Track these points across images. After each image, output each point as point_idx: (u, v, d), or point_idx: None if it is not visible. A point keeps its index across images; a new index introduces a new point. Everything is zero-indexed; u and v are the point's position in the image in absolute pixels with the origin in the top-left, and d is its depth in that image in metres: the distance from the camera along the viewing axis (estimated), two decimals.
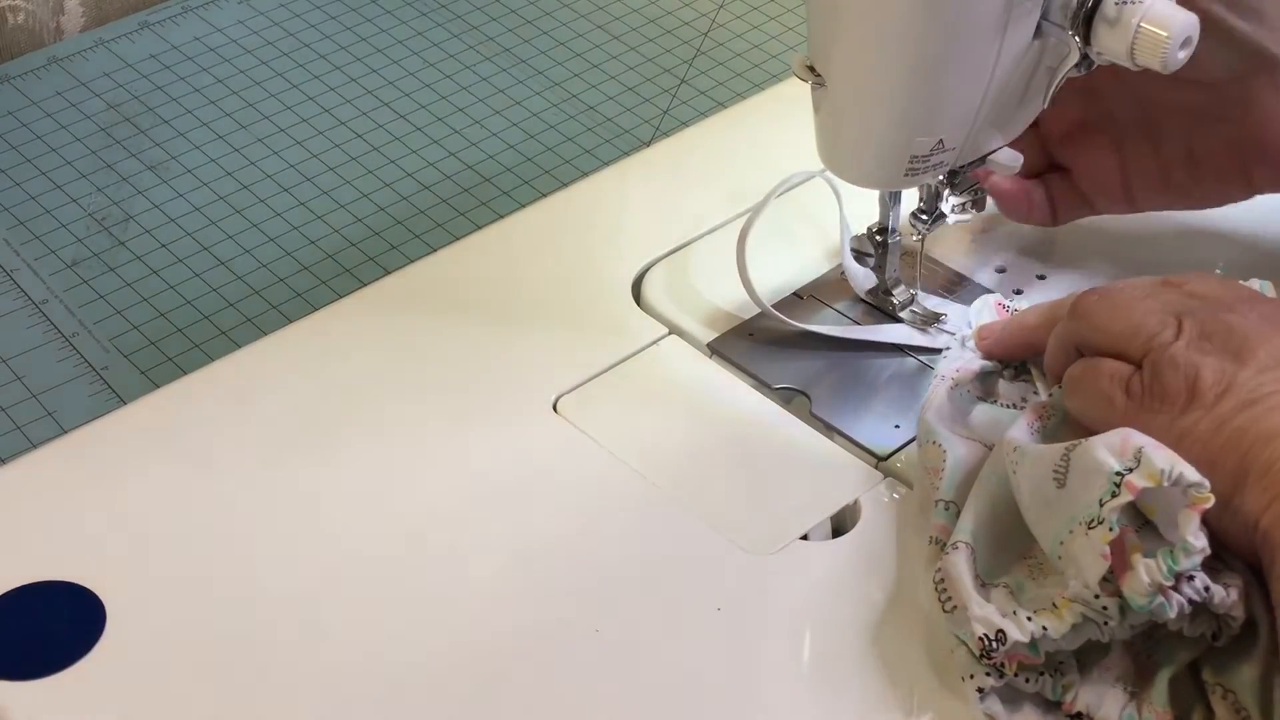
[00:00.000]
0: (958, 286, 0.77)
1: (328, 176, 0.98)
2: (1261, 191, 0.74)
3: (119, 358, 0.86)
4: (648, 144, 0.99)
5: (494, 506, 0.67)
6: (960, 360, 0.70)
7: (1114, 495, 0.56)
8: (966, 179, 0.71)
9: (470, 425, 0.71)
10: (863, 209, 0.74)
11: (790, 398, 0.72)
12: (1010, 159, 0.71)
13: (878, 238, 0.74)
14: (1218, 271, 0.77)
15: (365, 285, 0.80)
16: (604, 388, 0.72)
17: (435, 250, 0.83)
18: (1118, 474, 0.56)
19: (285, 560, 0.65)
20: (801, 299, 0.76)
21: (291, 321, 0.81)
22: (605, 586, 0.64)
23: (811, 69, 0.67)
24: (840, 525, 0.67)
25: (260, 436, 0.70)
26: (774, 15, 1.11)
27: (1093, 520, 0.56)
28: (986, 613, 0.58)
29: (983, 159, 0.70)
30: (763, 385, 0.72)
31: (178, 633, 0.63)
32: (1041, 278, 0.78)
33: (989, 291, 0.76)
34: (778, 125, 0.86)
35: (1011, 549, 0.61)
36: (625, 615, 0.63)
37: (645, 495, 0.68)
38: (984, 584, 0.60)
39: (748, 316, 0.75)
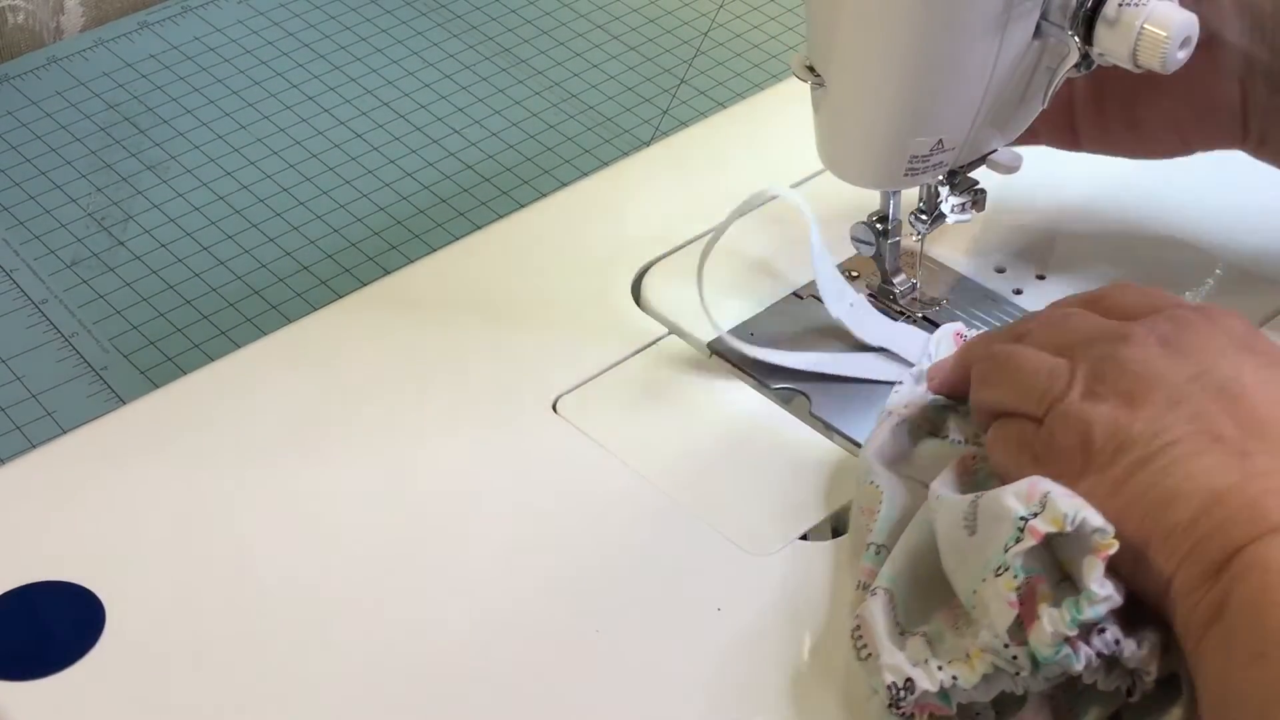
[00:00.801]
0: (958, 287, 0.77)
1: (328, 176, 0.98)
2: (1198, 151, 0.74)
3: (119, 358, 0.86)
4: (648, 144, 0.99)
5: (494, 507, 0.67)
6: (911, 395, 0.68)
7: (1018, 540, 0.54)
8: (966, 179, 0.71)
9: (470, 425, 0.71)
10: (836, 235, 0.74)
11: (790, 398, 0.72)
12: (1010, 159, 0.71)
13: (878, 225, 0.74)
14: (1217, 272, 0.77)
15: (365, 285, 0.80)
16: (604, 388, 0.72)
17: (435, 250, 0.83)
18: (1022, 519, 0.54)
19: (285, 560, 0.65)
20: (801, 299, 0.76)
21: (291, 321, 0.81)
22: (605, 587, 0.64)
23: (811, 69, 0.67)
24: (840, 525, 0.67)
25: (260, 436, 0.70)
26: (774, 15, 1.11)
27: (1000, 567, 0.55)
28: (896, 660, 0.56)
29: (983, 159, 0.70)
30: (763, 385, 0.72)
31: (178, 633, 0.63)
32: (1041, 278, 0.78)
33: (990, 292, 0.76)
34: (778, 125, 0.86)
35: (934, 597, 0.60)
36: (625, 615, 0.63)
37: (645, 495, 0.68)
38: (903, 632, 0.58)
39: (748, 317, 0.75)
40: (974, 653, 0.56)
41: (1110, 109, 0.73)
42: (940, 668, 0.56)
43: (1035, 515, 0.54)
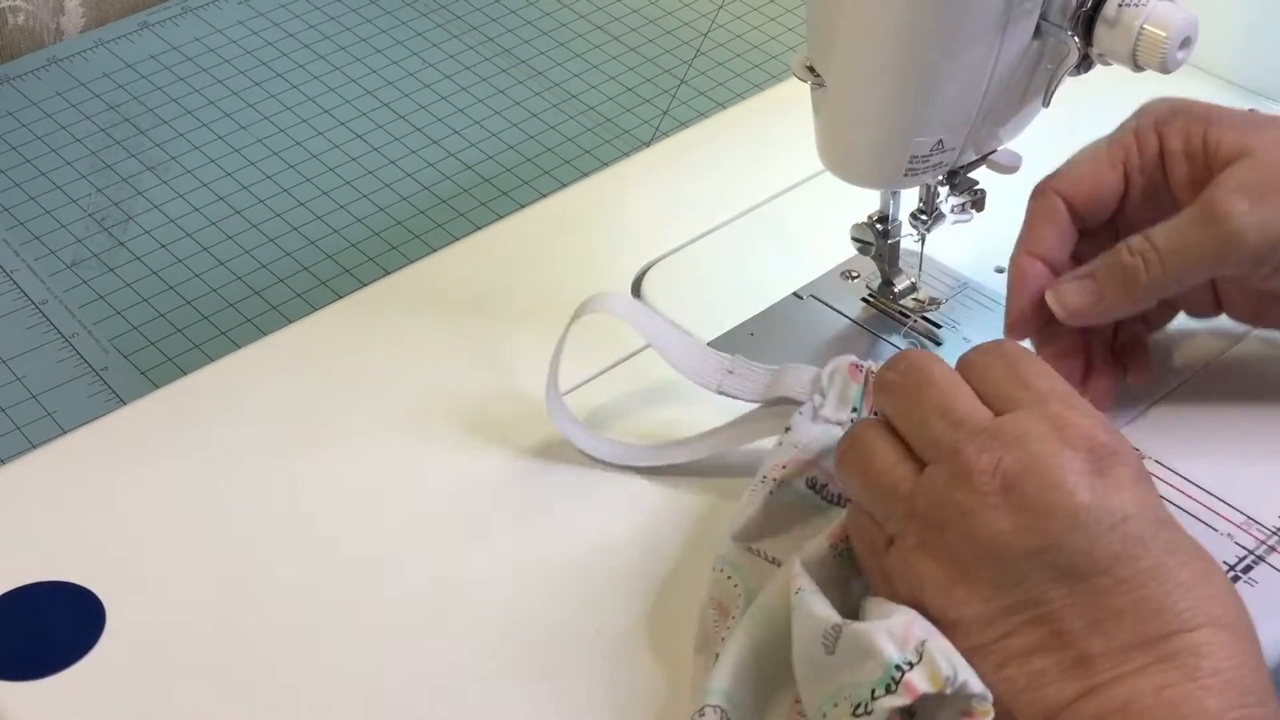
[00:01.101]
0: (958, 287, 0.77)
1: (328, 177, 0.98)
2: None
3: (119, 358, 0.86)
4: (648, 144, 0.99)
5: (494, 506, 0.67)
6: (795, 449, 0.62)
7: (888, 689, 0.50)
8: (966, 179, 0.71)
9: (470, 425, 0.71)
10: (836, 235, 0.74)
11: None
12: (1010, 159, 0.71)
13: (878, 225, 0.74)
14: None
15: (365, 285, 0.80)
16: (604, 388, 0.72)
17: (435, 250, 0.83)
18: (897, 667, 0.50)
19: (285, 560, 0.65)
20: (801, 299, 0.76)
21: (291, 321, 0.81)
22: (605, 587, 0.64)
23: (811, 69, 0.67)
24: None
25: (260, 436, 0.70)
26: (774, 15, 1.11)
27: (859, 706, 0.51)
28: None
29: (983, 159, 0.70)
30: None
31: (178, 633, 0.63)
32: None
33: (990, 292, 0.76)
34: (778, 125, 0.86)
35: (777, 696, 0.56)
36: (626, 615, 0.63)
37: (646, 495, 0.68)
38: None
39: (748, 317, 0.75)
40: None
41: (1266, 304, 0.69)
42: None
43: (911, 665, 0.50)
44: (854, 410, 0.62)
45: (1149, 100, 0.68)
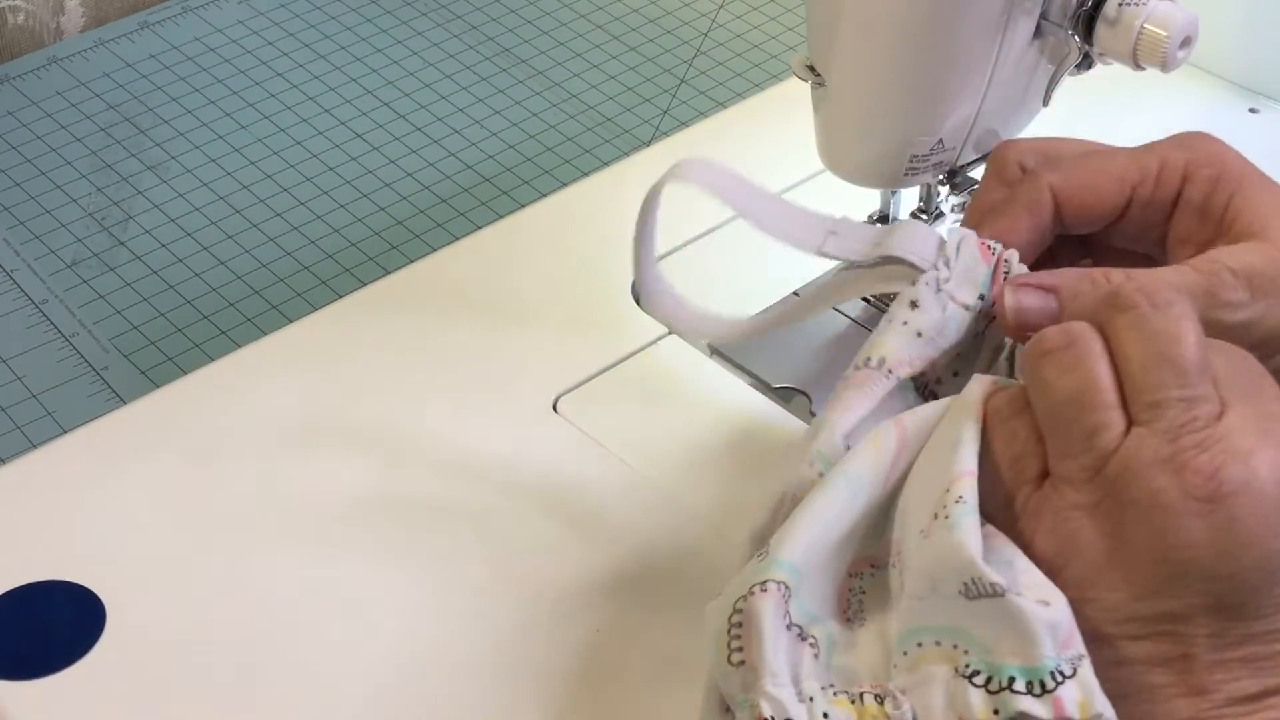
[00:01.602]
0: None
1: (328, 176, 0.98)
2: None
3: (119, 358, 0.86)
4: (648, 144, 0.99)
5: (493, 506, 0.67)
6: (922, 340, 0.55)
7: (1031, 689, 0.47)
8: (966, 179, 0.71)
9: (470, 425, 0.71)
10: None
11: (790, 397, 0.72)
12: None
13: (878, 225, 0.74)
14: None
15: (365, 285, 0.80)
16: (604, 388, 0.72)
17: (435, 250, 0.83)
18: (1051, 675, 0.47)
19: (284, 560, 0.65)
20: (801, 298, 0.76)
21: (291, 321, 0.81)
22: (605, 586, 0.64)
23: (811, 69, 0.67)
24: None
25: (260, 436, 0.70)
26: (774, 15, 1.11)
27: (981, 676, 0.47)
28: (781, 696, 0.49)
29: (983, 159, 0.70)
30: (763, 385, 0.72)
31: (178, 633, 0.63)
32: None
33: None
34: (778, 125, 0.86)
35: (835, 567, 0.52)
36: (625, 615, 0.63)
37: (645, 495, 0.68)
38: (790, 625, 0.50)
39: (748, 317, 0.75)
40: (871, 709, 0.49)
41: None
42: (826, 715, 0.49)
43: (1066, 679, 0.47)
44: (980, 297, 0.56)
45: (1191, 132, 0.60)
